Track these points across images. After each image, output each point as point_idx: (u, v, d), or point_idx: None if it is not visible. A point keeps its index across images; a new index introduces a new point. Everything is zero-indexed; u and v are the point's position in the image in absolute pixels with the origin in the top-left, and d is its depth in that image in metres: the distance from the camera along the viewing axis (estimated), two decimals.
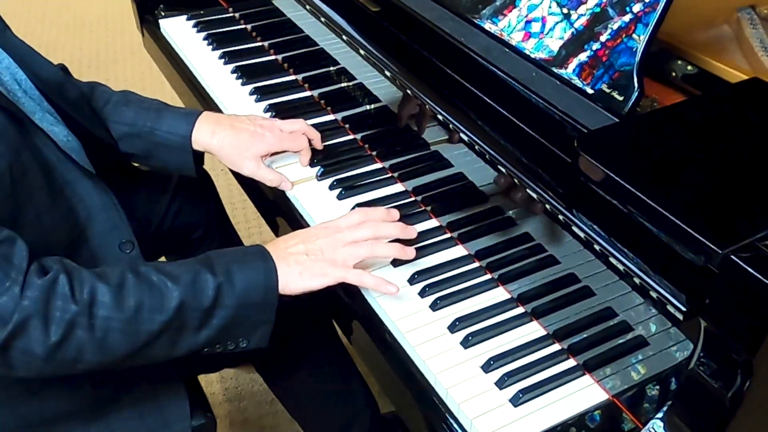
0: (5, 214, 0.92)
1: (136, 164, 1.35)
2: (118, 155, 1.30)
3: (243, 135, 1.26)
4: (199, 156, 1.29)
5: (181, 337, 0.96)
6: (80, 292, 0.90)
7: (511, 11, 1.10)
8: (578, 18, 1.02)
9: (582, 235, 0.91)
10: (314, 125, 1.41)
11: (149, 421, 1.12)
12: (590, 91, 0.98)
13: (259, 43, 1.71)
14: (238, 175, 1.51)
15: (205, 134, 1.26)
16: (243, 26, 1.77)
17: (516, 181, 1.01)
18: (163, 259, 1.57)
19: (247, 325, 1.00)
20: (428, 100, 1.14)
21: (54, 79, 1.15)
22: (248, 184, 1.45)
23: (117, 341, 0.92)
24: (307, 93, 1.53)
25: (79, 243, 1.08)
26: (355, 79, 1.39)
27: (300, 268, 1.03)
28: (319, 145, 1.32)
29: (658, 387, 0.92)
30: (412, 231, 1.11)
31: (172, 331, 0.95)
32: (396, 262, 1.12)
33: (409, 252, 1.09)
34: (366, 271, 1.06)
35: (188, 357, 1.04)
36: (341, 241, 1.07)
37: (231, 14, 1.82)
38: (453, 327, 1.03)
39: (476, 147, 1.07)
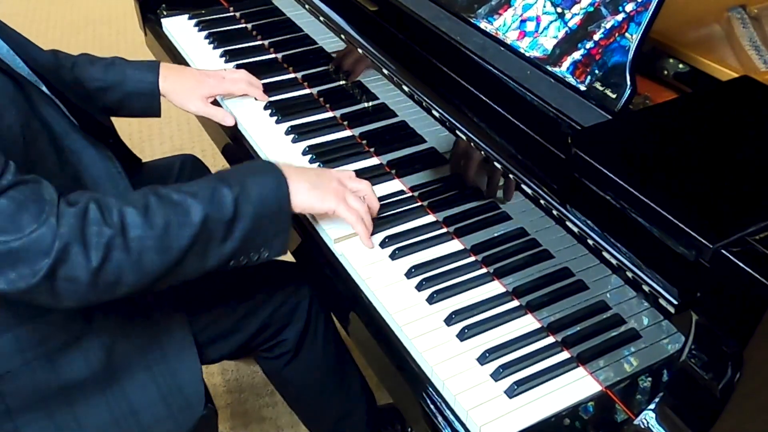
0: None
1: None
2: (116, 143, 1.36)
3: (189, 79, 1.44)
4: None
5: (209, 250, 1.01)
6: (110, 216, 0.94)
7: (506, 10, 1.11)
8: (572, 17, 1.03)
9: (576, 229, 0.93)
10: (313, 122, 1.44)
11: (163, 386, 1.15)
12: (584, 88, 0.99)
13: (259, 42, 1.72)
14: None
15: (160, 79, 1.41)
16: (243, 25, 1.79)
17: (511, 176, 1.02)
18: None
19: (266, 233, 1.06)
20: (425, 98, 1.15)
21: (50, 63, 1.21)
22: None
23: (152, 259, 0.96)
24: (306, 90, 1.55)
25: None
26: (353, 77, 1.41)
27: (309, 185, 1.10)
28: (262, 96, 1.48)
29: (650, 379, 0.93)
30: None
31: (200, 245, 1.00)
32: (394, 256, 1.14)
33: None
34: (360, 215, 1.14)
35: (199, 335, 1.11)
36: (346, 184, 1.15)
37: (231, 13, 1.83)
38: (449, 320, 1.04)
39: (472, 144, 1.08)
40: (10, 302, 1.01)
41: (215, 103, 1.49)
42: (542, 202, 0.97)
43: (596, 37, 1.00)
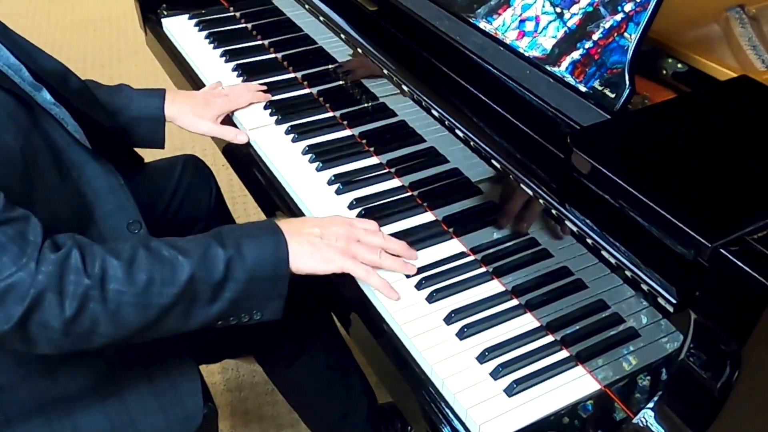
0: (18, 195, 0.94)
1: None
2: (121, 145, 1.35)
3: (198, 101, 1.44)
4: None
5: (194, 310, 0.98)
6: (92, 266, 0.92)
7: (505, 10, 1.11)
8: (571, 17, 1.03)
9: (575, 229, 0.93)
10: (313, 122, 1.44)
11: (163, 397, 1.14)
12: (583, 88, 1.00)
13: (259, 42, 1.73)
14: (238, 171, 1.53)
15: (166, 104, 1.40)
16: (243, 25, 1.79)
17: (510, 176, 1.02)
18: None
19: (259, 298, 1.02)
20: (425, 98, 1.15)
21: (57, 70, 1.20)
22: (249, 179, 1.48)
23: (130, 314, 0.94)
24: (306, 90, 1.55)
25: (88, 224, 1.10)
26: (353, 76, 1.41)
27: (312, 248, 1.05)
28: (263, 98, 1.49)
29: (649, 377, 0.93)
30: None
31: (184, 305, 0.96)
32: None
33: (410, 268, 1.11)
34: (372, 270, 1.08)
35: (200, 336, 1.07)
36: (355, 237, 1.09)
37: (232, 13, 1.84)
38: (449, 319, 1.04)
39: (471, 143, 1.08)
40: None
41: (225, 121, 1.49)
42: (541, 201, 0.98)
43: (595, 36, 1.00)
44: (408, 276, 1.11)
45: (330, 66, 1.49)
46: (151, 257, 0.95)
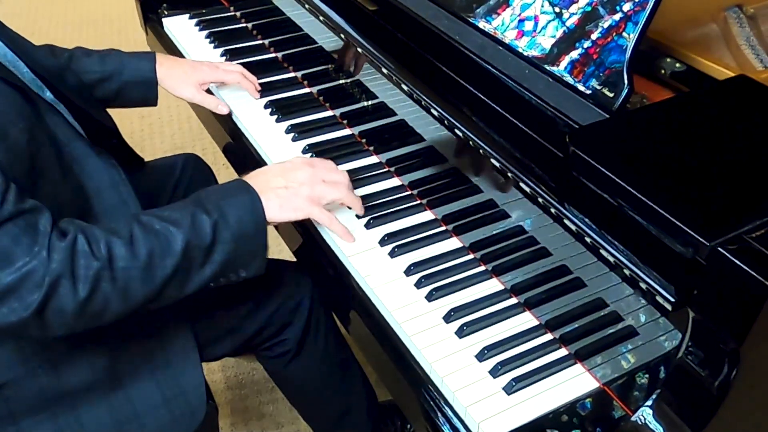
0: (25, 189, 0.95)
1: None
2: (119, 143, 1.36)
3: (184, 66, 1.47)
4: None
5: (190, 276, 1.02)
6: (98, 248, 0.95)
7: (504, 10, 1.12)
8: (570, 17, 1.04)
9: (573, 227, 0.93)
10: (313, 121, 1.44)
11: (166, 390, 1.15)
12: (581, 87, 1.00)
13: (260, 41, 1.73)
14: (239, 170, 1.53)
15: (157, 66, 1.43)
16: (244, 24, 1.79)
17: (509, 174, 1.03)
18: None
19: (245, 255, 1.06)
20: (424, 97, 1.16)
21: (54, 67, 1.21)
22: None
23: (137, 288, 0.97)
24: (306, 90, 1.55)
25: (89, 219, 1.11)
26: (352, 76, 1.42)
27: (280, 201, 1.10)
28: (254, 92, 1.51)
29: (647, 375, 0.93)
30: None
31: (182, 272, 1.01)
32: (394, 254, 1.15)
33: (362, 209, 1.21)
34: (334, 216, 1.15)
35: (201, 333, 1.12)
36: (318, 178, 1.14)
37: (232, 13, 1.84)
38: (448, 317, 1.05)
39: (471, 142, 1.09)
40: None
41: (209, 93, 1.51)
42: (540, 200, 0.98)
43: (594, 36, 1.00)
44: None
45: (330, 65, 1.50)
46: (146, 232, 0.99)
